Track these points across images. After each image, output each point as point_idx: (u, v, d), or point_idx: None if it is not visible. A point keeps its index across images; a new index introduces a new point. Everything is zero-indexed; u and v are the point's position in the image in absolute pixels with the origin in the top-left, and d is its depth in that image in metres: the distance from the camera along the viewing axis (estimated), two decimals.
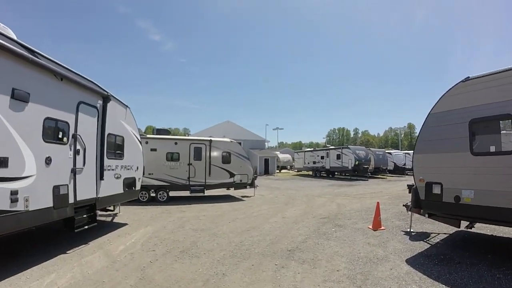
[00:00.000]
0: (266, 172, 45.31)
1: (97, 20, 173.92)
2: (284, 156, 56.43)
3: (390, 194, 19.54)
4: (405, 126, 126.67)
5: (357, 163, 33.54)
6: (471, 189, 6.97)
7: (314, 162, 40.84)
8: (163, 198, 16.53)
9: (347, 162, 34.34)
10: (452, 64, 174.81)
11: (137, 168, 11.36)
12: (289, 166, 55.44)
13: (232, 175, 18.00)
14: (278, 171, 52.20)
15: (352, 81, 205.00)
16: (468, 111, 7.19)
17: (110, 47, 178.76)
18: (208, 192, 18.10)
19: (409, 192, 9.91)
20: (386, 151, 42.49)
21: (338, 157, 36.06)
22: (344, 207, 14.36)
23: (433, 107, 7.91)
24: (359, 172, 34.52)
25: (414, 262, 6.86)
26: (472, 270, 6.18)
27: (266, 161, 46.13)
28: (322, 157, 39.13)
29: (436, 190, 7.57)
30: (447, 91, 7.71)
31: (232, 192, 19.31)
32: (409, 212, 9.78)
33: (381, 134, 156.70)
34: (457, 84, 7.55)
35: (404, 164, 41.46)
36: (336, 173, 39.08)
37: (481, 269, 6.22)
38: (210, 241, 8.51)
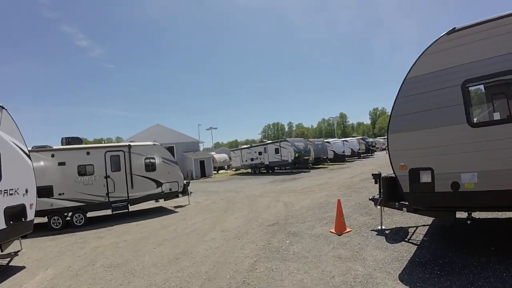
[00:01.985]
0: (203, 174, 42.34)
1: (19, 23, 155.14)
2: (220, 156, 53.63)
3: (338, 184, 17.91)
4: (337, 116, 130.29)
5: (297, 155, 31.99)
6: (473, 171, 5.16)
7: (252, 159, 38.77)
8: (79, 222, 13.16)
9: (287, 155, 32.68)
10: (377, 58, 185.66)
11: (26, 191, 8.10)
12: (226, 166, 52.88)
13: (159, 184, 15.07)
14: (215, 172, 49.43)
15: (283, 76, 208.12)
16: (459, 70, 5.38)
17: (34, 53, 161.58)
18: (134, 207, 15.04)
19: (376, 183, 8.04)
20: (325, 140, 41.65)
21: (277, 151, 34.30)
22: (293, 206, 12.24)
23: (410, 69, 5.93)
24: (300, 164, 33.02)
25: (411, 277, 4.96)
26: (488, 274, 4.64)
27: (202, 163, 43.11)
28: (260, 153, 37.15)
29: (425, 178, 5.60)
30: (427, 48, 5.78)
31: (164, 202, 16.38)
32: (378, 207, 7.84)
33: (315, 125, 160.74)
34: (440, 37, 5.64)
35: (343, 152, 41.07)
36: (276, 168, 37.37)
37: (497, 270, 4.74)
38: (123, 286, 5.78)
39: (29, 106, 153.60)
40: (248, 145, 45.15)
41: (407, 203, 6.46)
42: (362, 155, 47.84)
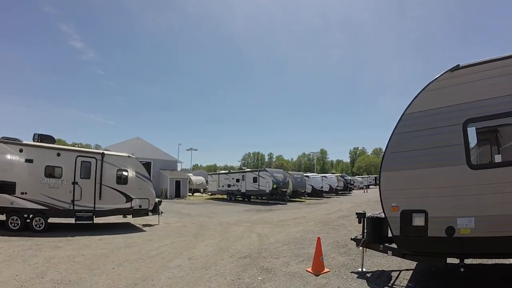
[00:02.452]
0: (178, 195, 41.11)
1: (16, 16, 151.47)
2: (197, 179, 52.49)
3: (315, 220, 17.33)
4: (318, 152, 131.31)
5: (275, 186, 31.41)
6: (471, 215, 4.74)
7: (229, 185, 37.93)
8: (39, 227, 12.18)
9: (265, 185, 32.06)
10: (361, 99, 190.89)
11: None
12: (202, 189, 51.71)
13: (129, 199, 14.19)
14: (190, 194, 48.22)
15: (268, 107, 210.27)
16: (461, 108, 5.05)
17: (26, 48, 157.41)
18: (99, 220, 14.04)
19: (359, 222, 7.55)
20: (304, 174, 41.36)
21: (255, 180, 33.66)
22: (267, 239, 11.55)
23: (409, 105, 5.57)
24: (277, 195, 32.41)
25: None
26: None
27: (178, 183, 41.94)
28: (238, 180, 36.39)
29: (418, 221, 5.13)
30: (428, 84, 5.47)
31: (132, 219, 15.40)
32: (360, 248, 7.31)
33: (295, 159, 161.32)
34: (443, 74, 5.33)
35: (321, 187, 40.75)
36: (252, 196, 36.61)
37: None
38: None
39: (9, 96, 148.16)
40: (227, 171, 44.29)
41: (393, 246, 5.96)
42: (339, 192, 47.70)
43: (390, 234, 5.99)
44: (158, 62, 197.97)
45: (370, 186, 73.45)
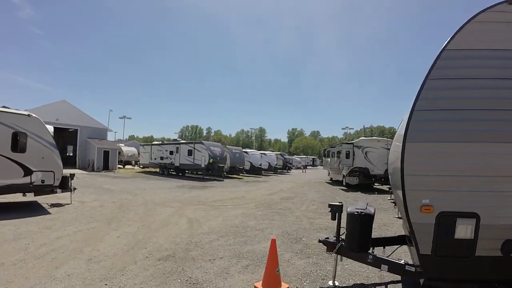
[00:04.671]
0: (106, 167, 36.91)
1: None
2: (128, 150, 47.93)
3: (256, 201, 15.20)
4: (257, 128, 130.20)
5: (211, 161, 28.84)
6: None
7: (162, 158, 34.63)
8: None
9: (200, 159, 29.38)
10: (304, 82, 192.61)
11: None
12: (134, 162, 47.54)
13: (28, 171, 10.84)
14: (121, 166, 44.00)
15: (210, 80, 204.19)
16: None
17: None
18: None
19: (333, 218, 5.31)
20: (243, 150, 39.23)
21: (190, 153, 30.79)
22: (200, 226, 9.13)
23: (450, 40, 3.27)
24: (213, 171, 29.83)
25: None
26: None
27: (106, 154, 37.50)
28: (171, 153, 33.22)
29: (464, 231, 2.89)
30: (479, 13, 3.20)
31: (40, 197, 12.10)
32: (333, 254, 5.14)
33: (233, 135, 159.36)
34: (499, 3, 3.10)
35: (260, 165, 39.02)
36: (187, 171, 33.77)
37: None
38: None
39: None
40: (160, 142, 40.73)
41: (391, 258, 3.81)
42: (278, 170, 46.49)
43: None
44: (103, 28, 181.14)
45: (308, 167, 73.68)
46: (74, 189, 12.88)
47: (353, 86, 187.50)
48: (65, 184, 12.26)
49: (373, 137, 25.18)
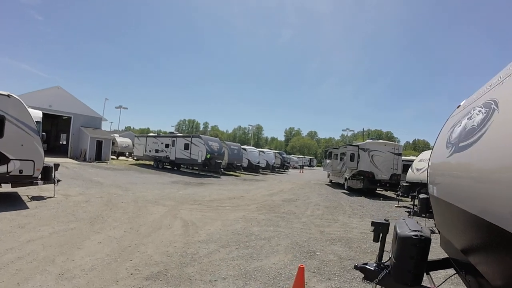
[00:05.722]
0: (99, 158, 35.50)
1: None
2: (123, 141, 46.43)
3: (256, 202, 14.00)
4: (255, 125, 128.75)
5: (209, 156, 27.56)
6: None
7: (157, 151, 33.26)
8: None
9: (197, 154, 28.08)
10: (305, 81, 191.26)
11: None
12: (128, 153, 46.10)
13: (4, 159, 9.54)
14: (115, 157, 42.59)
15: (209, 75, 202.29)
16: None
17: None
18: None
19: (376, 240, 4.12)
20: (242, 146, 37.95)
21: (187, 147, 29.46)
22: (196, 232, 7.92)
23: None
24: (210, 167, 28.54)
25: None
26: None
27: (99, 143, 36.03)
28: (167, 146, 31.85)
29: None
30: None
31: (19, 189, 10.83)
32: (371, 284, 3.95)
33: (230, 131, 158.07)
34: None
35: (258, 162, 37.80)
36: (182, 166, 32.47)
37: None
38: None
39: None
40: (156, 134, 39.33)
41: None
42: (276, 169, 45.32)
43: None
44: (105, 15, 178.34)
45: (304, 167, 72.59)
46: (58, 181, 11.63)
47: (352, 88, 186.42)
48: (47, 175, 11.00)
49: (380, 140, 24.04)
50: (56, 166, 11.64)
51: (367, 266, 4.06)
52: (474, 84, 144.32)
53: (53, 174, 11.27)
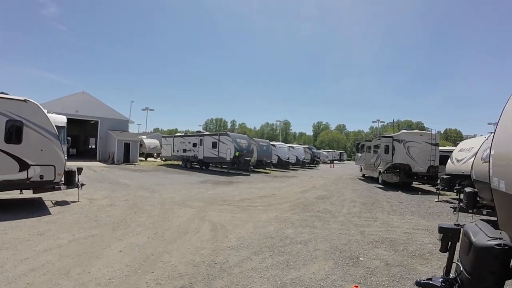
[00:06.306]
0: (126, 160, 35.77)
1: None
2: (150, 142, 46.78)
3: (288, 200, 13.30)
4: (283, 121, 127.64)
5: (237, 154, 27.05)
6: None
7: (185, 150, 33.13)
8: None
9: (225, 152, 27.64)
10: (325, 74, 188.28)
11: None
12: (155, 154, 46.40)
13: (24, 166, 9.28)
14: (143, 159, 42.98)
15: (234, 77, 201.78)
16: None
17: None
18: None
19: (445, 250, 3.37)
20: (270, 143, 37.24)
21: (214, 145, 29.09)
22: (226, 237, 7.32)
23: None
24: (239, 165, 28.00)
25: None
26: None
27: (127, 146, 36.26)
28: (195, 145, 31.64)
29: None
30: None
31: (45, 194, 10.65)
32: None
33: (258, 128, 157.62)
34: None
35: (288, 158, 37.09)
36: (211, 164, 32.18)
37: None
38: None
39: None
40: (183, 134, 39.23)
41: None
42: (306, 164, 44.37)
43: None
44: (125, 22, 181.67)
45: (335, 161, 71.09)
46: (82, 185, 11.33)
47: (377, 78, 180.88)
48: (70, 180, 10.74)
49: (416, 130, 22.73)
50: (79, 170, 11.36)
51: (431, 282, 3.35)
52: (499, 63, 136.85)
53: (76, 178, 11.01)
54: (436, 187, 15.93)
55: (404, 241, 7.73)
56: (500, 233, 3.14)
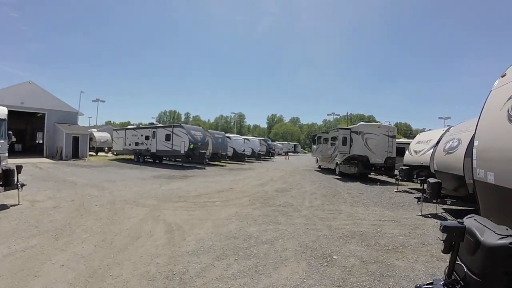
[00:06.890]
0: (75, 155, 33.14)
1: None
2: (101, 135, 43.94)
3: (248, 194, 12.68)
4: (238, 113, 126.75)
5: (192, 146, 25.93)
6: None
7: (137, 144, 31.42)
8: None
9: (180, 145, 26.45)
10: (281, 68, 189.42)
11: None
12: (106, 148, 43.81)
13: None
14: (94, 153, 40.38)
15: (188, 69, 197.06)
16: None
17: None
18: None
19: (447, 251, 2.85)
20: (226, 135, 36.33)
21: (168, 138, 27.76)
22: (183, 239, 6.54)
23: None
24: (194, 158, 26.82)
25: None
26: None
27: (76, 140, 33.53)
28: (147, 138, 30.07)
29: None
30: None
31: None
32: None
33: (212, 120, 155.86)
34: None
35: (244, 150, 36.41)
36: (164, 158, 30.81)
37: None
38: None
39: None
40: (135, 126, 37.31)
41: None
42: (262, 157, 44.05)
43: None
44: (79, 9, 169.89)
45: (289, 153, 71.65)
46: (22, 185, 9.84)
47: (333, 72, 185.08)
48: (8, 180, 9.33)
49: (374, 123, 22.99)
50: (19, 168, 9.91)
51: (432, 287, 2.90)
52: (449, 65, 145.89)
53: (15, 178, 9.59)
54: (396, 177, 16.08)
55: (374, 234, 7.40)
56: (507, 229, 2.77)
